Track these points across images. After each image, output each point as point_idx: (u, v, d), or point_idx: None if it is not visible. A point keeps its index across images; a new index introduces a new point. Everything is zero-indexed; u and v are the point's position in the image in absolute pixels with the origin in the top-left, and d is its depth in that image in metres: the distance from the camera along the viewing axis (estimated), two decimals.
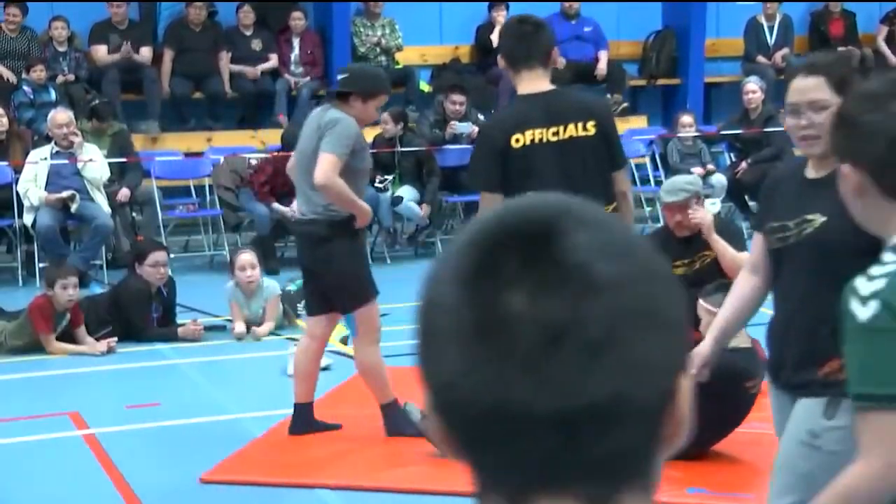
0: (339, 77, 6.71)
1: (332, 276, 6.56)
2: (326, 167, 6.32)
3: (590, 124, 5.27)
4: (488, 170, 5.25)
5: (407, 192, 12.49)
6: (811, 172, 3.67)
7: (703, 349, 3.89)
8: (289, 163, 7.04)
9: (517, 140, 5.20)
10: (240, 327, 9.32)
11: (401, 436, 6.64)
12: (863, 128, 2.49)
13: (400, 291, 7.06)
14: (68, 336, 8.99)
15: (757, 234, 3.90)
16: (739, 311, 3.91)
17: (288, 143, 12.08)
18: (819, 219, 3.52)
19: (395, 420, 6.68)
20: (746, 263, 4.05)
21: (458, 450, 1.09)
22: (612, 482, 1.06)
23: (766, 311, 3.88)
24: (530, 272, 1.05)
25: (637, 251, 1.09)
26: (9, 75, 13.26)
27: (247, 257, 9.48)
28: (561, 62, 15.07)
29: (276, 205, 11.95)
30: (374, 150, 12.74)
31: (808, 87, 3.57)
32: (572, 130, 5.24)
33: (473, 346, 1.04)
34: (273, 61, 14.50)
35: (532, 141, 5.22)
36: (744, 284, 3.91)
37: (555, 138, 5.22)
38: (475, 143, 5.64)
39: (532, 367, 1.02)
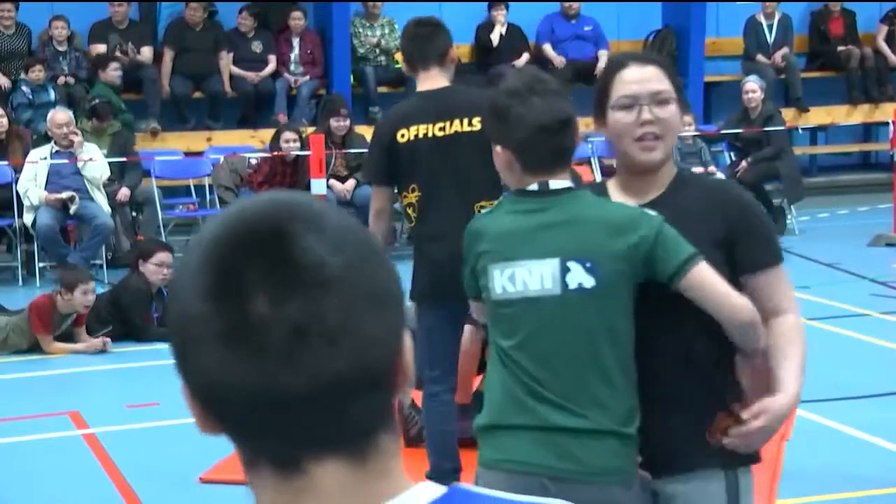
0: None
1: None
2: None
3: (475, 120, 5.42)
4: (377, 164, 5.53)
5: None
6: (622, 198, 3.15)
7: None
8: None
9: (402, 135, 5.43)
10: None
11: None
12: (512, 119, 3.05)
13: None
14: (69, 335, 9.00)
15: None
16: None
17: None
18: None
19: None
20: None
21: (223, 431, 1.25)
22: (369, 432, 1.23)
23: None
24: (268, 277, 1.18)
25: (356, 239, 1.23)
26: (3, 80, 13.25)
27: None
28: (560, 61, 15.10)
29: None
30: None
31: (649, 76, 3.11)
32: (458, 126, 5.44)
33: (229, 350, 1.18)
34: (272, 65, 14.49)
35: (416, 136, 5.43)
36: None
37: (441, 133, 5.43)
38: (371, 137, 5.88)
39: (285, 359, 1.17)
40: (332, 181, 12.26)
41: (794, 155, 14.15)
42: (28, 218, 11.33)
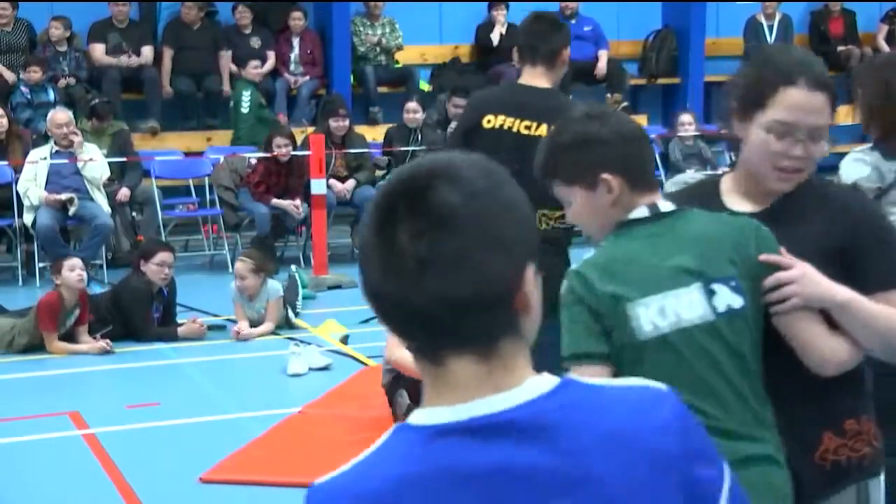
0: None
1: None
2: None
3: None
4: (460, 142, 5.55)
5: None
6: (739, 203, 2.94)
7: None
8: None
9: (488, 121, 5.45)
10: (242, 327, 9.29)
11: None
12: (607, 140, 2.78)
13: None
14: (70, 335, 9.00)
15: None
16: None
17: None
18: None
19: None
20: None
21: (390, 328, 1.67)
22: (490, 338, 1.64)
23: None
24: (411, 219, 1.60)
25: (490, 193, 1.62)
26: (8, 75, 13.26)
27: (239, 266, 9.44)
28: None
29: (275, 200, 11.94)
30: (389, 149, 12.79)
31: (816, 108, 2.82)
32: (543, 131, 5.36)
33: (381, 270, 1.62)
34: (271, 61, 14.46)
35: (501, 126, 5.42)
36: None
37: (526, 131, 5.41)
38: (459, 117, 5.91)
39: (414, 282, 1.60)
40: (332, 181, 12.25)
41: None
42: (28, 218, 11.32)
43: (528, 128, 5.40)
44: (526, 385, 1.64)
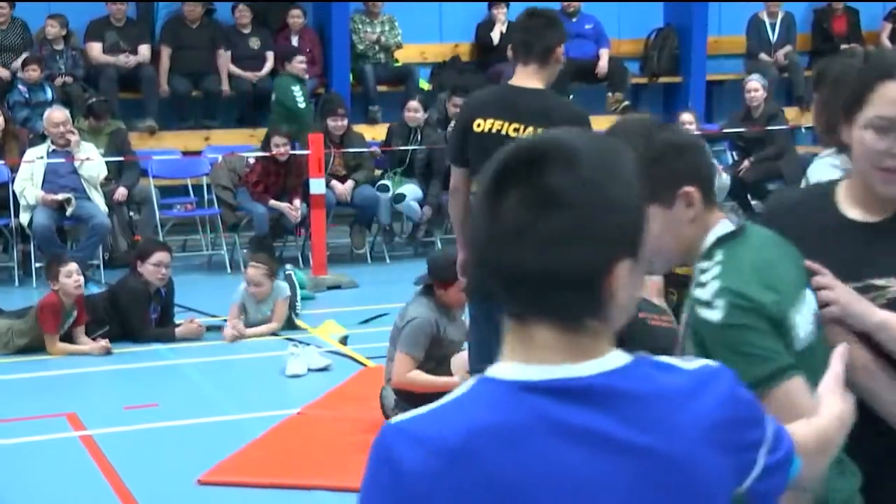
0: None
1: None
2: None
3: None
4: (454, 144, 5.63)
5: (410, 191, 12.39)
6: (856, 212, 2.74)
7: None
8: None
9: (478, 125, 5.48)
10: (236, 325, 9.20)
11: None
12: (691, 149, 2.53)
13: (399, 290, 6.99)
14: (68, 336, 8.93)
15: None
16: None
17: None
18: (894, 286, 2.65)
19: None
20: None
21: (491, 287, 1.79)
22: (572, 315, 1.75)
23: None
24: (518, 189, 1.72)
25: (605, 186, 1.72)
26: (5, 74, 13.19)
27: (252, 273, 9.33)
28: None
29: (273, 202, 11.87)
30: (388, 148, 12.73)
31: None
32: (530, 133, 5.35)
33: (485, 228, 1.76)
34: (270, 62, 14.38)
35: (490, 130, 5.43)
36: None
37: (514, 134, 5.49)
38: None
39: (510, 249, 1.73)
40: (333, 182, 12.18)
41: (796, 154, 14.06)
42: (24, 218, 11.25)
43: (516, 130, 5.45)
44: (605, 358, 1.76)
